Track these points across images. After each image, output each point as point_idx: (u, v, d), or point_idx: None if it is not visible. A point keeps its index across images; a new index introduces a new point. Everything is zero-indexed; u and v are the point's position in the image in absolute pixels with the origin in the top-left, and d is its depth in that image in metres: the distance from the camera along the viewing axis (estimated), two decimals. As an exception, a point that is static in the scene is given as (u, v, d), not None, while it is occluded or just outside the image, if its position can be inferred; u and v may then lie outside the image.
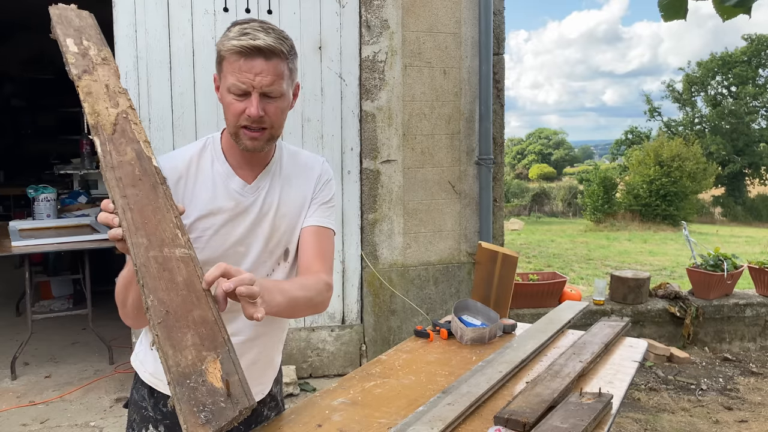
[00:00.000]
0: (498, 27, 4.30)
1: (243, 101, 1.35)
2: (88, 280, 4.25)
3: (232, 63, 1.34)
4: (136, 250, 1.14)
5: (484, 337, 2.23)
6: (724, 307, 4.81)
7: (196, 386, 1.06)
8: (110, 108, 1.33)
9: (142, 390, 1.56)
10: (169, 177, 1.38)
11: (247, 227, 1.47)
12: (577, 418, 1.52)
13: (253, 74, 1.33)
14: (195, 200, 1.42)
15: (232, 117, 1.37)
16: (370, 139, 4.10)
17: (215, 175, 1.45)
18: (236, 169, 1.46)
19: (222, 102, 1.40)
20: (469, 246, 4.36)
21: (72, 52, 1.35)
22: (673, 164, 19.81)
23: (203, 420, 1.03)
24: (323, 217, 1.55)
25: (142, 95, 3.70)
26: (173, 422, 1.52)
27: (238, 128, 1.38)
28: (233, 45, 1.32)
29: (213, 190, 1.44)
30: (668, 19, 2.07)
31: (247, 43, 1.31)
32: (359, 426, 1.58)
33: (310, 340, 4.10)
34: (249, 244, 1.48)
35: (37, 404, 3.66)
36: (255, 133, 1.38)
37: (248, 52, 1.32)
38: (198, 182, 1.44)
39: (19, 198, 7.06)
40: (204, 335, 1.11)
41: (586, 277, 8.06)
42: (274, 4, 3.87)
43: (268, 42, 1.32)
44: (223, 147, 1.48)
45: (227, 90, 1.36)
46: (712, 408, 3.77)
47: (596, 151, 77.82)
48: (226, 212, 1.45)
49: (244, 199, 1.46)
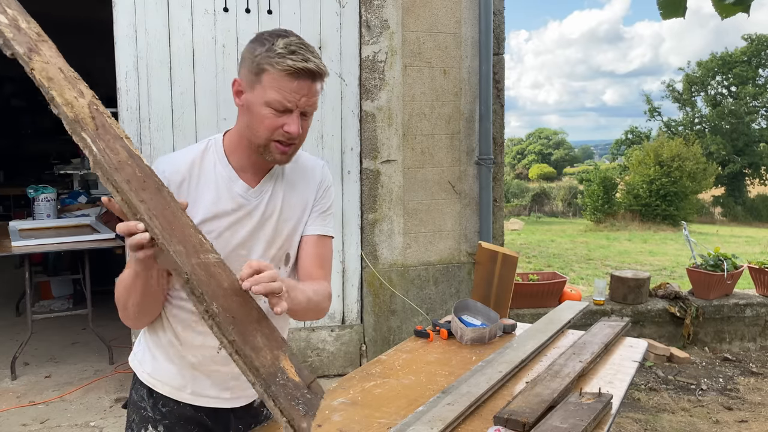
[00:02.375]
0: (498, 27, 4.30)
1: (281, 117, 1.35)
2: (88, 280, 4.25)
3: (278, 79, 1.33)
4: (179, 259, 1.10)
5: (484, 337, 2.23)
6: (724, 307, 4.81)
7: (284, 383, 1.09)
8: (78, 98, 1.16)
9: (141, 390, 1.56)
10: (172, 179, 1.38)
11: (249, 231, 1.47)
12: (577, 418, 1.52)
13: (300, 95, 1.34)
14: (198, 203, 1.42)
15: (266, 131, 1.37)
16: (370, 139, 4.10)
17: (218, 178, 1.44)
18: (239, 172, 1.46)
19: (250, 111, 1.38)
20: (469, 246, 4.36)
21: (3, 23, 1.15)
22: (673, 164, 19.81)
23: (302, 412, 1.07)
24: (324, 225, 1.57)
25: (142, 95, 3.70)
26: (172, 422, 1.53)
27: (270, 141, 1.38)
28: (287, 65, 1.31)
29: (216, 193, 1.43)
30: (667, 17, 2.07)
31: (302, 65, 1.32)
32: (359, 426, 1.58)
33: (310, 340, 4.10)
34: (251, 248, 1.48)
35: (37, 404, 3.66)
36: (287, 147, 1.39)
37: (300, 74, 1.32)
38: (201, 185, 1.43)
39: (19, 198, 7.06)
40: (266, 335, 1.14)
41: (586, 277, 8.06)
42: (274, 4, 3.87)
43: (318, 65, 1.34)
44: (225, 149, 1.47)
45: (265, 103, 1.35)
46: (712, 408, 3.77)
47: (596, 151, 77.84)
48: (230, 215, 1.45)
49: (248, 203, 1.46)
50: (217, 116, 3.83)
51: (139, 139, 3.72)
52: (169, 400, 1.53)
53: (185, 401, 1.53)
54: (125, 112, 3.68)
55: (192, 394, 1.52)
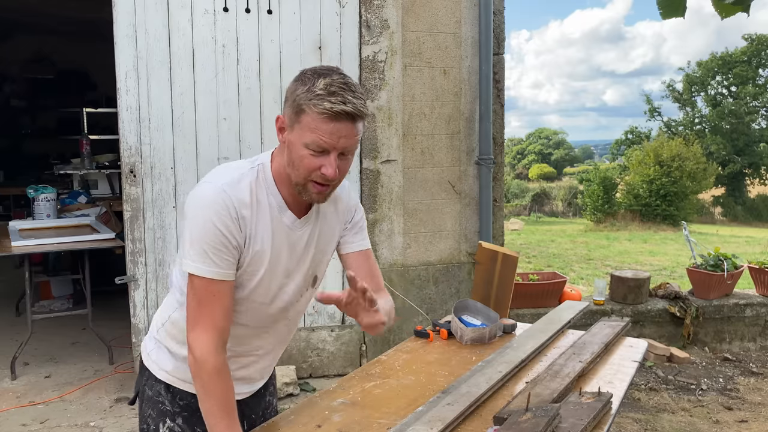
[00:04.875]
0: (498, 27, 4.30)
1: (319, 158, 1.36)
2: (88, 280, 4.25)
3: (316, 120, 1.33)
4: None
5: (484, 337, 2.23)
6: (724, 307, 4.81)
7: None
8: None
9: (157, 386, 1.60)
10: (237, 207, 1.39)
11: (294, 260, 1.52)
12: (576, 418, 1.52)
13: (338, 137, 1.34)
14: (257, 233, 1.44)
15: (305, 171, 1.38)
16: (370, 139, 4.10)
17: (271, 209, 1.46)
18: (288, 203, 1.48)
19: (290, 148, 1.39)
20: (469, 246, 4.36)
21: None
22: (673, 164, 19.80)
23: None
24: (363, 239, 1.65)
25: (142, 95, 3.70)
26: (190, 413, 1.58)
27: (308, 181, 1.39)
28: (325, 108, 1.31)
29: (271, 224, 1.46)
30: (667, 17, 2.06)
31: (340, 109, 1.32)
32: (359, 426, 1.58)
33: (310, 340, 4.10)
34: (292, 275, 1.53)
35: (37, 404, 3.66)
36: (323, 188, 1.40)
37: (339, 116, 1.32)
38: (259, 215, 1.44)
39: (19, 198, 7.06)
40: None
41: (586, 277, 8.06)
42: (274, 4, 3.87)
43: (357, 107, 1.34)
44: (275, 178, 1.47)
45: (304, 145, 1.35)
46: (712, 408, 3.77)
47: (596, 151, 77.80)
48: (279, 246, 1.48)
49: (293, 234, 1.50)
50: (217, 116, 3.83)
51: (139, 139, 3.72)
52: (186, 394, 1.58)
53: None
54: (125, 112, 3.68)
55: None
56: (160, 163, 3.76)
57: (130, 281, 3.78)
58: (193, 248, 1.38)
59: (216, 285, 1.39)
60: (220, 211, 1.37)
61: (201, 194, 1.40)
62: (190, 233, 1.39)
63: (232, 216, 1.38)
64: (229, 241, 1.39)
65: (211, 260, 1.38)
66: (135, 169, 3.73)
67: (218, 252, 1.38)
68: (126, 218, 3.76)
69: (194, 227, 1.39)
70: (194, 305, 1.40)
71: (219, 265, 1.39)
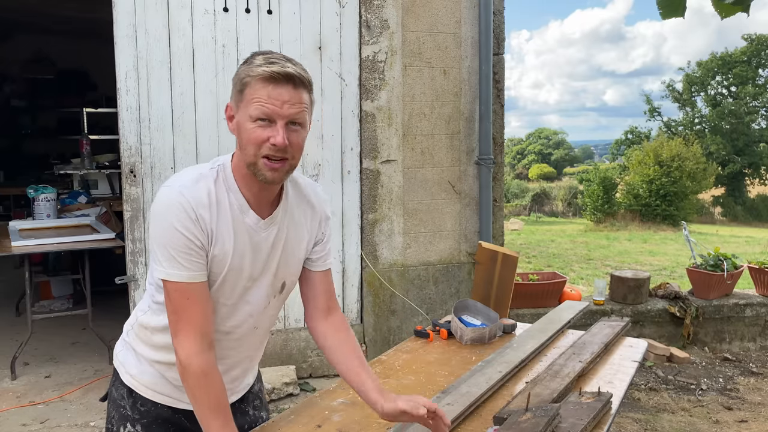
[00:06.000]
0: (498, 27, 4.30)
1: (266, 129, 1.33)
2: (88, 280, 4.25)
3: (258, 89, 1.32)
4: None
5: (484, 337, 2.23)
6: (724, 307, 4.81)
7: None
8: None
9: (121, 389, 1.58)
10: (195, 207, 1.36)
11: (258, 263, 1.47)
12: (576, 418, 1.52)
13: (281, 102, 1.32)
14: (217, 235, 1.40)
15: (253, 146, 1.34)
16: (370, 139, 4.10)
17: (231, 209, 1.42)
18: (250, 203, 1.44)
19: (239, 131, 1.37)
20: (469, 246, 4.36)
21: None
22: (673, 164, 19.79)
23: None
24: (326, 259, 1.62)
25: (142, 95, 3.70)
26: (149, 421, 1.55)
27: (259, 158, 1.35)
28: (263, 71, 1.31)
29: (233, 225, 1.42)
30: (666, 17, 2.06)
31: (279, 69, 1.31)
32: (359, 426, 1.58)
33: (310, 340, 4.09)
34: (257, 279, 1.49)
35: (37, 404, 3.66)
36: (276, 164, 1.35)
37: (278, 79, 1.31)
38: (219, 215, 1.41)
39: (19, 198, 7.05)
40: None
41: (586, 277, 8.06)
42: (274, 4, 3.87)
43: (297, 70, 1.33)
44: (236, 178, 1.43)
45: (249, 117, 1.33)
46: (712, 408, 3.77)
47: (596, 151, 77.80)
48: (242, 247, 1.44)
49: (257, 235, 1.46)
50: (217, 116, 3.83)
51: (139, 139, 3.72)
52: (148, 401, 1.55)
53: (165, 403, 1.55)
54: (125, 112, 3.69)
55: (172, 399, 1.55)
56: (160, 163, 3.77)
57: (130, 281, 3.78)
58: (161, 254, 1.37)
59: (189, 288, 1.37)
60: (179, 214, 1.35)
61: (160, 199, 1.38)
62: (155, 239, 1.38)
63: (191, 217, 1.35)
64: (193, 243, 1.36)
65: (179, 264, 1.36)
66: (135, 169, 3.74)
67: (185, 255, 1.36)
68: (126, 218, 3.76)
69: (158, 232, 1.37)
70: (171, 311, 1.39)
71: (189, 268, 1.36)
